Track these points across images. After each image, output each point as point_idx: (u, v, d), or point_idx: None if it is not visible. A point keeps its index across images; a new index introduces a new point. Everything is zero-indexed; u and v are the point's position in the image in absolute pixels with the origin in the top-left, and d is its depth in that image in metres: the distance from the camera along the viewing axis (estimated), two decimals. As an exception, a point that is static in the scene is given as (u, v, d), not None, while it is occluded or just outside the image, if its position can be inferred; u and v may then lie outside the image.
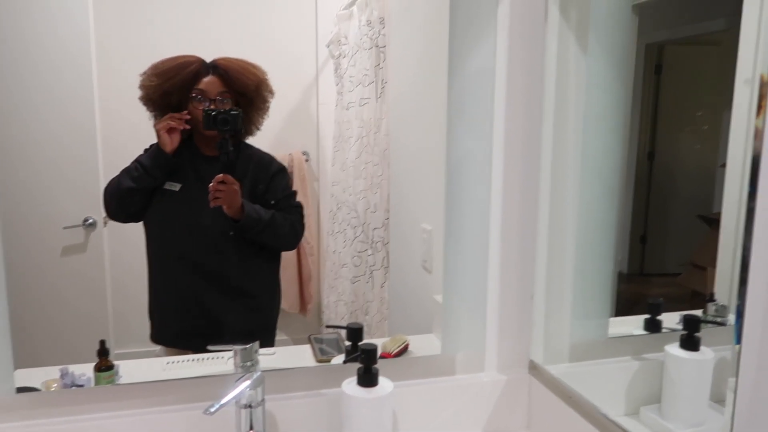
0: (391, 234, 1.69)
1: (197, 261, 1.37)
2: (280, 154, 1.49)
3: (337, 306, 2.32)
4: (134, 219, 1.39)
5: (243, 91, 1.34)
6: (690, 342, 1.04)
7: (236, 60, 1.35)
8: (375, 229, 1.83)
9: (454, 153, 1.11)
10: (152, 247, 1.40)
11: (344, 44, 2.11)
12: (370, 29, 1.73)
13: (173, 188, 1.35)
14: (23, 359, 1.42)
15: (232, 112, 1.27)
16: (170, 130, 1.29)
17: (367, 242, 1.95)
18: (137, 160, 1.35)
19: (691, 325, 1.05)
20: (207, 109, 1.27)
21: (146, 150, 1.39)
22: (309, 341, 1.27)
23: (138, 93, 1.34)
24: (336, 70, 2.26)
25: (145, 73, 1.32)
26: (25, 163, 1.70)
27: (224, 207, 1.30)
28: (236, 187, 1.31)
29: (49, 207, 1.78)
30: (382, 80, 1.72)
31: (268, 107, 1.41)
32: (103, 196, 1.36)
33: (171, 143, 1.30)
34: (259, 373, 1.02)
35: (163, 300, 1.40)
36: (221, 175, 1.29)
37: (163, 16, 1.43)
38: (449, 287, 1.12)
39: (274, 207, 1.40)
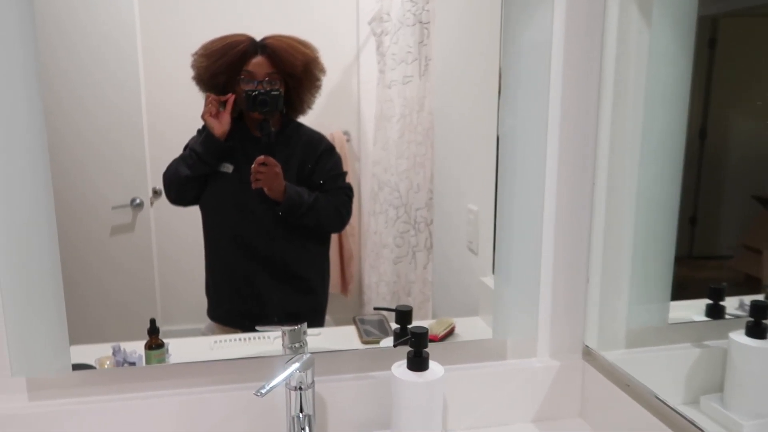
0: (434, 214, 1.66)
1: (249, 243, 1.38)
2: (321, 133, 1.50)
3: (378, 286, 2.31)
4: (195, 202, 1.41)
5: (291, 72, 1.33)
6: (757, 329, 0.99)
7: (286, 38, 1.33)
8: (418, 209, 1.80)
9: (507, 131, 1.07)
10: (207, 228, 1.41)
11: (386, 21, 2.06)
12: (414, 5, 1.69)
13: (227, 170, 1.36)
14: (78, 335, 1.47)
15: (272, 93, 1.28)
16: (216, 114, 1.29)
17: (409, 222, 1.93)
18: (191, 147, 1.35)
19: (759, 312, 1.00)
20: (248, 90, 1.27)
21: (199, 131, 1.39)
22: (354, 322, 1.27)
23: (187, 73, 1.34)
24: (378, 47, 2.22)
25: (196, 53, 1.31)
26: (75, 147, 1.73)
27: (265, 189, 1.31)
28: (277, 169, 1.31)
29: (98, 188, 1.81)
30: (426, 57, 1.67)
31: (320, 85, 1.41)
32: (163, 184, 1.38)
33: (220, 126, 1.30)
34: (308, 355, 1.02)
35: (218, 280, 1.42)
36: (262, 156, 1.30)
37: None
38: (500, 270, 1.10)
39: (321, 188, 1.40)
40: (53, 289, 1.05)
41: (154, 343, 1.17)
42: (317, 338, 1.26)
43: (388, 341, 1.21)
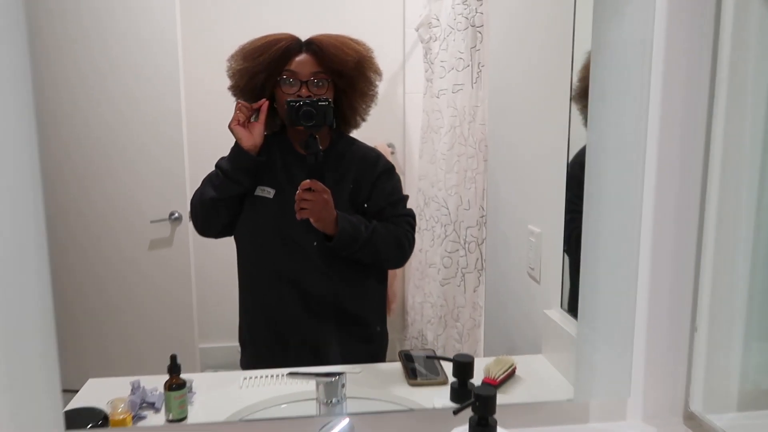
0: (488, 234, 1.53)
1: (295, 282, 1.14)
2: None
3: (423, 307, 2.18)
4: (227, 232, 1.18)
5: (340, 70, 1.11)
6: None
7: (335, 35, 1.12)
8: (468, 227, 1.67)
9: (595, 143, 0.84)
10: (244, 263, 1.19)
11: (435, 26, 1.95)
12: (466, 8, 1.57)
13: (266, 194, 1.14)
14: (108, 358, 1.39)
15: (320, 103, 1.03)
16: (246, 123, 1.08)
17: (458, 242, 1.80)
18: (217, 165, 1.14)
19: None
20: (290, 100, 1.05)
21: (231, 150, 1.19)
22: (399, 358, 1.11)
23: (225, 83, 1.16)
24: (426, 55, 2.11)
25: (232, 57, 1.13)
26: (115, 161, 1.69)
27: (312, 220, 1.07)
28: (326, 196, 1.06)
29: (137, 202, 1.76)
30: (479, 64, 1.55)
31: (375, 92, 1.18)
32: (190, 211, 1.18)
33: (250, 138, 1.08)
34: (347, 422, 0.86)
35: (256, 325, 1.19)
36: (308, 181, 1.05)
37: (245, 8, 1.34)
38: (584, 312, 0.85)
39: (379, 215, 1.15)
40: (42, 329, 0.75)
41: (175, 382, 1.00)
42: (357, 378, 1.06)
43: (441, 394, 1.01)
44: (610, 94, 0.66)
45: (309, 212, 1.06)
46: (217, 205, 1.13)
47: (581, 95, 0.77)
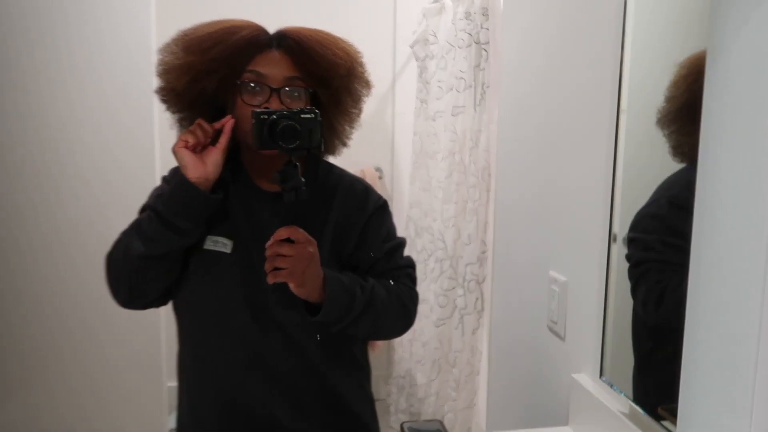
0: (494, 274, 1.36)
1: (267, 370, 0.80)
2: (350, 171, 0.94)
3: (412, 345, 1.99)
4: (160, 302, 0.82)
5: (326, 77, 0.78)
6: None
7: (316, 29, 0.80)
8: (468, 264, 1.51)
9: (708, 181, 0.51)
10: (192, 343, 0.83)
11: (433, 43, 1.80)
12: (469, 23, 1.43)
13: (221, 248, 0.79)
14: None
15: (304, 116, 0.71)
16: (196, 146, 0.75)
17: (456, 279, 1.64)
18: (149, 206, 0.78)
19: None
20: (259, 112, 0.71)
21: (165, 179, 0.84)
22: (401, 431, 0.91)
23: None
24: (421, 74, 1.96)
25: (166, 48, 0.78)
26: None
27: (292, 285, 0.74)
28: (311, 248, 0.73)
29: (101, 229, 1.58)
30: (483, 84, 1.40)
31: (361, 110, 0.85)
32: (106, 271, 0.80)
33: (202, 168, 0.75)
34: None
35: (206, 416, 0.83)
36: (284, 229, 0.72)
37: (224, 14, 1.15)
38: (686, 415, 0.54)
39: (371, 270, 0.84)
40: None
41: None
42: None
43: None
44: (736, 114, 0.44)
45: (288, 274, 0.72)
46: (149, 265, 0.76)
47: (672, 119, 0.61)
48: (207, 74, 0.76)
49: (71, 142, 1.51)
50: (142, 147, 1.54)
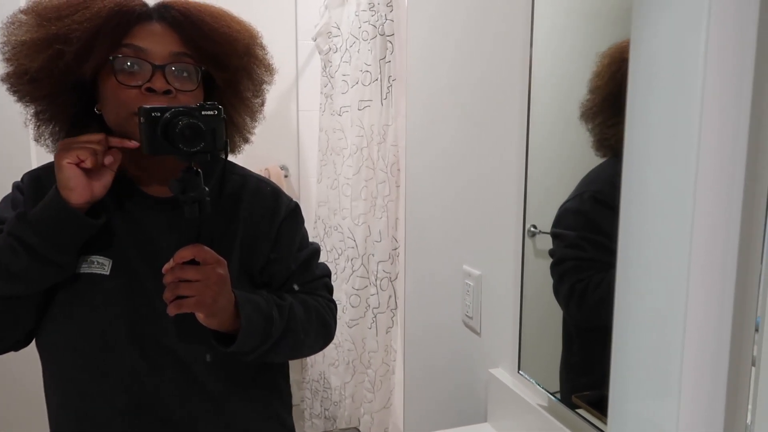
0: (406, 270, 1.34)
1: (160, 414, 0.67)
2: (253, 170, 0.81)
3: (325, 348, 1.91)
4: (21, 345, 0.69)
5: (219, 54, 0.66)
6: None
7: (206, 4, 0.67)
8: (380, 262, 1.47)
9: (634, 175, 0.49)
10: (59, 394, 0.69)
11: (336, 35, 1.74)
12: (373, 14, 1.39)
13: (96, 269, 0.65)
14: None
15: (206, 112, 0.59)
16: (86, 163, 0.60)
17: (368, 278, 1.60)
18: (11, 233, 0.62)
19: None
20: (149, 108, 0.59)
21: (19, 188, 0.69)
22: None
23: None
24: (325, 68, 1.89)
25: (13, 20, 0.63)
26: None
27: (200, 315, 0.62)
28: (221, 270, 0.62)
29: None
30: (389, 77, 1.37)
31: (264, 100, 0.74)
32: None
33: (88, 190, 0.61)
34: None
35: None
36: (188, 249, 0.60)
37: None
38: (616, 410, 0.52)
39: (285, 285, 0.73)
40: None
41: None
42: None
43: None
44: (661, 106, 0.42)
45: (195, 303, 0.60)
46: (11, 307, 0.63)
47: (597, 111, 0.59)
48: (71, 48, 0.60)
49: None
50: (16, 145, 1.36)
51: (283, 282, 0.74)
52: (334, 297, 0.81)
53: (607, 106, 0.59)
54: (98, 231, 0.65)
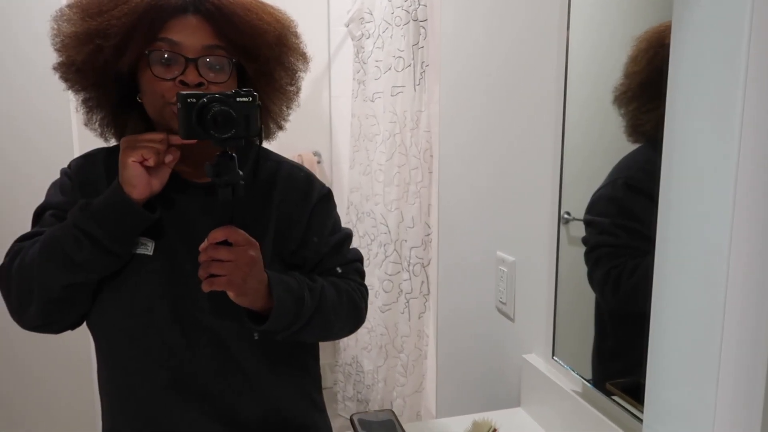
0: (440, 256, 1.34)
1: (199, 389, 0.71)
2: (286, 156, 0.83)
3: (358, 332, 1.94)
4: (76, 325, 0.74)
5: (252, 47, 0.69)
6: None
7: None
8: (413, 248, 1.48)
9: (673, 162, 0.45)
10: (108, 368, 0.74)
11: (368, 21, 1.74)
12: (406, 0, 1.38)
13: (141, 250, 0.69)
14: None
15: (240, 99, 0.61)
16: (146, 161, 0.65)
17: (400, 263, 1.61)
18: (75, 224, 0.65)
19: None
20: (185, 94, 0.61)
21: (67, 174, 0.73)
22: (351, 424, 0.86)
23: None
24: (357, 54, 1.90)
25: (61, 14, 0.67)
26: None
27: (231, 293, 0.65)
28: (253, 252, 0.65)
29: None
30: (423, 63, 1.37)
31: (299, 87, 0.76)
32: (4, 294, 0.70)
33: (148, 187, 0.66)
34: None
35: None
36: (220, 230, 0.63)
37: None
38: (653, 398, 0.50)
39: (317, 268, 0.76)
40: None
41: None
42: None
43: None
44: (703, 90, 0.40)
45: (226, 282, 0.63)
46: (73, 293, 0.67)
47: (632, 96, 0.58)
48: (109, 42, 0.64)
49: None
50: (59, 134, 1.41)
51: (315, 265, 0.76)
52: (366, 282, 0.83)
53: (642, 91, 0.58)
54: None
